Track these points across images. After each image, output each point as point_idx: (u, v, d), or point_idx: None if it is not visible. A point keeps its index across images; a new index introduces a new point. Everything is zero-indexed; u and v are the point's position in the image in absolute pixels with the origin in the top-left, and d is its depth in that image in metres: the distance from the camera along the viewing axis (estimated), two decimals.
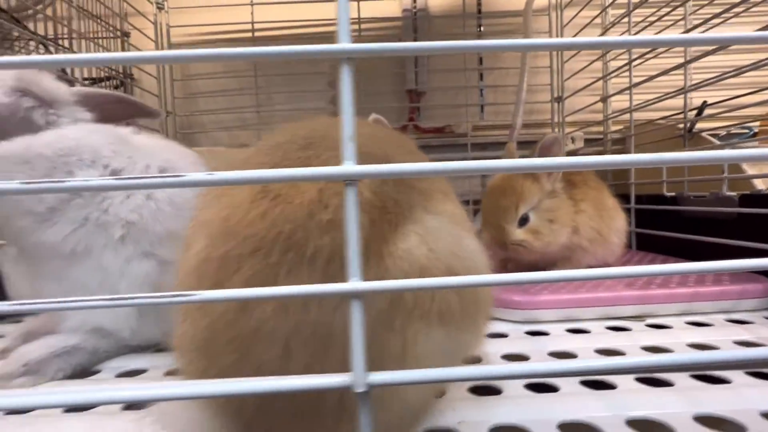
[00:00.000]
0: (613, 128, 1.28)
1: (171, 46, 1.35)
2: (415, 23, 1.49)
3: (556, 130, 1.40)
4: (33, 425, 0.36)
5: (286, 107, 1.37)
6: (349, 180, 0.20)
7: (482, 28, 1.52)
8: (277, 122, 1.18)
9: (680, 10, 0.96)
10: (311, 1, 1.32)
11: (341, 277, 0.21)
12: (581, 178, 0.83)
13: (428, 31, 1.50)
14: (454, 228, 0.31)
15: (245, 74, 1.37)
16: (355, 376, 0.20)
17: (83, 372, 0.49)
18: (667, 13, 0.99)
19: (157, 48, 1.32)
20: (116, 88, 1.32)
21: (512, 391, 0.40)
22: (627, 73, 1.06)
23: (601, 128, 1.32)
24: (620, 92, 1.13)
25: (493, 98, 1.51)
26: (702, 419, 0.34)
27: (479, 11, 1.53)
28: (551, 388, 0.41)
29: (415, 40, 1.49)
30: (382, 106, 1.45)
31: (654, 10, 1.03)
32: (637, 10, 1.05)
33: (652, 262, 0.91)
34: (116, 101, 0.58)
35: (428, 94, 1.50)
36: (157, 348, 0.55)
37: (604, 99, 1.27)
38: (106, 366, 0.51)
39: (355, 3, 1.35)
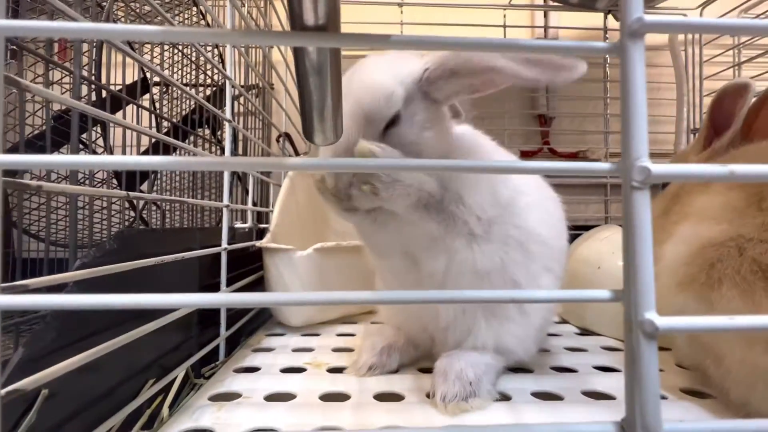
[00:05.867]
0: None
1: None
2: None
3: None
4: None
5: None
6: None
7: (609, 60, 1.54)
8: None
9: None
10: (459, 25, 1.38)
11: None
12: None
13: None
14: None
15: None
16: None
17: None
18: None
19: None
20: (257, 96, 1.39)
21: None
22: None
23: None
24: None
25: (618, 127, 1.51)
26: None
27: None
28: None
29: None
30: (513, 128, 1.49)
31: None
32: None
33: None
34: None
35: (557, 120, 1.51)
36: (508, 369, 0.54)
37: None
38: None
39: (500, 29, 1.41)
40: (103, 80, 0.75)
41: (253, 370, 0.55)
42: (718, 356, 0.42)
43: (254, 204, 1.11)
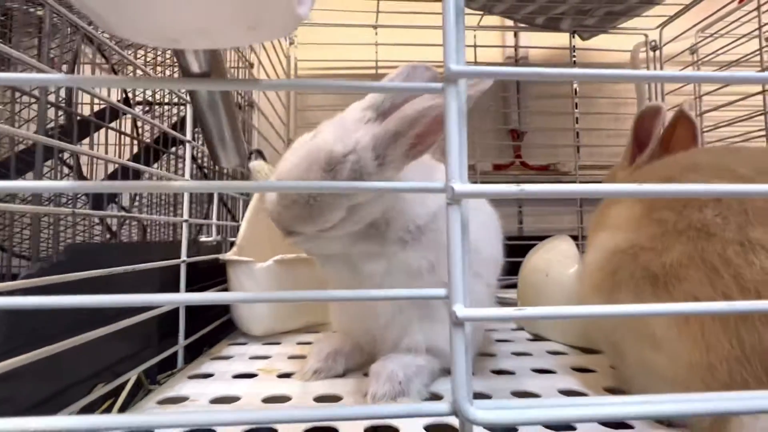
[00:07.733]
0: None
1: (297, 78, 1.48)
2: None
3: None
4: None
5: None
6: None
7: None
8: None
9: None
10: (432, 45, 1.44)
11: None
12: None
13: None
14: None
15: None
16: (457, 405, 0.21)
17: None
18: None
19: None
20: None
21: None
22: None
23: None
24: None
25: (588, 140, 1.57)
26: None
27: (574, 62, 1.63)
28: None
29: (518, 85, 1.61)
30: (487, 143, 1.55)
31: None
32: None
33: None
34: None
35: (529, 134, 1.57)
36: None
37: None
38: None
39: (471, 49, 1.47)
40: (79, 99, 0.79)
41: (207, 376, 0.58)
42: (622, 354, 0.46)
43: (233, 218, 1.14)
